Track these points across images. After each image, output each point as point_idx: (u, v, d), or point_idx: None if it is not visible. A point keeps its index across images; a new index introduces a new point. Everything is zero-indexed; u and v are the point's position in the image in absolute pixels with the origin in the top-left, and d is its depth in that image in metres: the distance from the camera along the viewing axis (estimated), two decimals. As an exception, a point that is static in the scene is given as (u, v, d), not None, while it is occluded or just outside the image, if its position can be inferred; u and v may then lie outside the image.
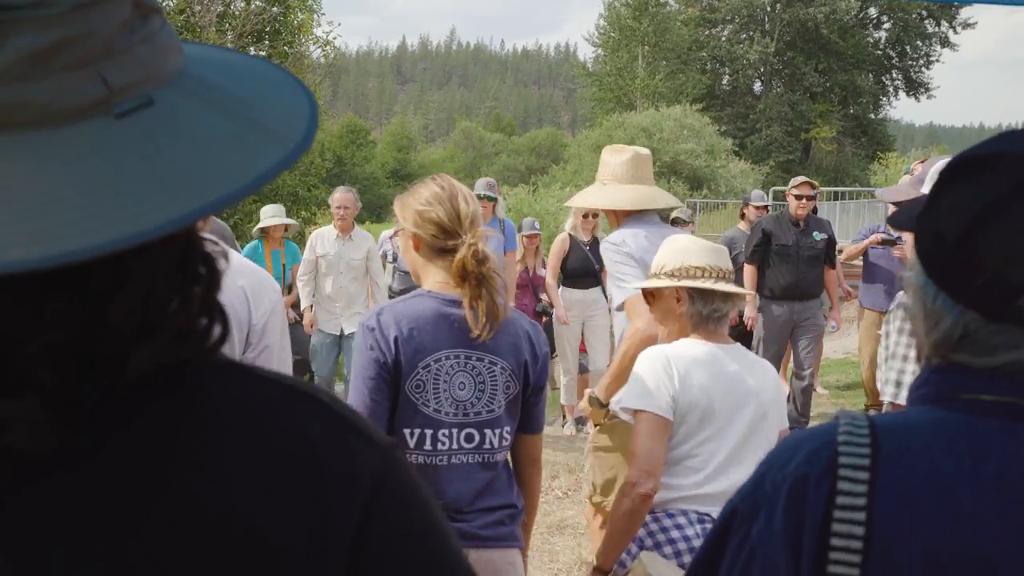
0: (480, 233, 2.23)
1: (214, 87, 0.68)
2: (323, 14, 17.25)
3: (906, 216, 1.12)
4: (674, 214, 6.35)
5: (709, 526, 2.23)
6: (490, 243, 4.80)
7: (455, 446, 2.22)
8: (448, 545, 0.76)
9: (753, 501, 0.97)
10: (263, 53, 16.13)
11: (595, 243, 7.13)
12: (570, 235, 7.28)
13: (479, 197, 6.77)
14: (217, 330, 0.72)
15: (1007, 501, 0.89)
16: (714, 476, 2.47)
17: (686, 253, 2.64)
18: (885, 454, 0.93)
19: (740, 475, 2.36)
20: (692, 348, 2.56)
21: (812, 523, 0.92)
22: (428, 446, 2.20)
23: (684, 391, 2.47)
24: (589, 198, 3.88)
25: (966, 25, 45.40)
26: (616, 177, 3.69)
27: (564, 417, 7.68)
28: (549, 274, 7.35)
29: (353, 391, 2.23)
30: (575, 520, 5.31)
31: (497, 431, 2.26)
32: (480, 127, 76.92)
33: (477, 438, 2.24)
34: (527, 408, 2.34)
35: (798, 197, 6.90)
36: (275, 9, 16.12)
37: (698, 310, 2.59)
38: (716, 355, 2.55)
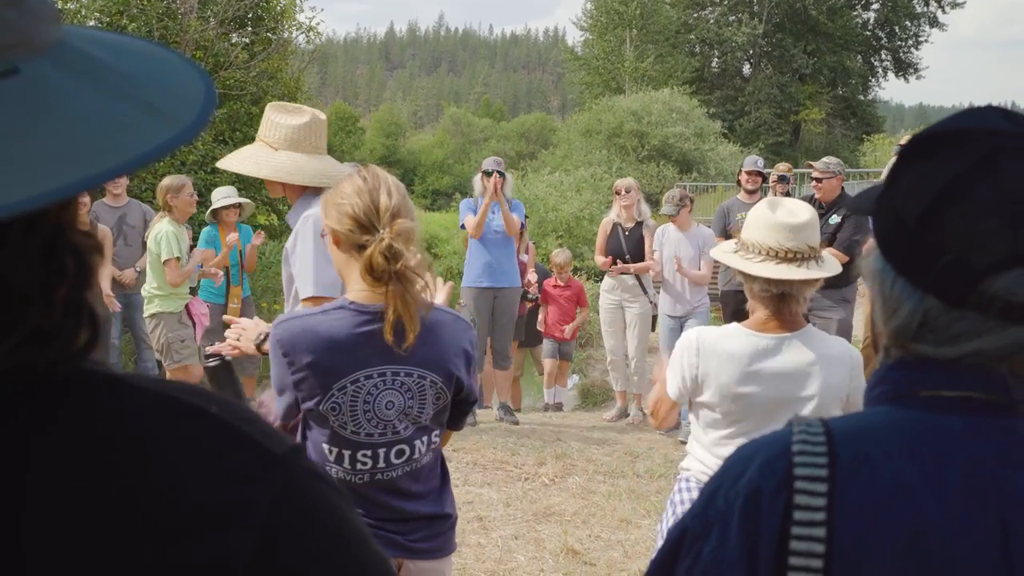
0: (399, 228, 2.01)
1: (97, 62, 0.61)
2: (306, -1, 17.08)
3: (865, 199, 1.04)
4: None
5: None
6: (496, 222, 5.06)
7: (382, 464, 2.13)
8: (364, 553, 0.69)
9: (704, 520, 0.91)
10: (245, 40, 15.95)
11: (637, 227, 7.10)
12: (614, 222, 7.20)
13: (487, 173, 6.70)
14: (84, 333, 0.63)
15: (974, 508, 0.83)
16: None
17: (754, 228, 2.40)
18: (843, 464, 0.86)
19: None
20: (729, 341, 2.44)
21: (768, 541, 0.86)
22: (347, 464, 2.11)
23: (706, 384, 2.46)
24: (262, 167, 3.08)
25: (955, 5, 45.21)
26: (291, 144, 3.08)
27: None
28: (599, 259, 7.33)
29: (275, 401, 2.12)
30: (561, 507, 5.28)
31: (425, 439, 2.18)
32: (469, 113, 76.61)
33: (407, 452, 2.15)
34: (456, 412, 2.26)
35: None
36: (257, -6, 15.92)
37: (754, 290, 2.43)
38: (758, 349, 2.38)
